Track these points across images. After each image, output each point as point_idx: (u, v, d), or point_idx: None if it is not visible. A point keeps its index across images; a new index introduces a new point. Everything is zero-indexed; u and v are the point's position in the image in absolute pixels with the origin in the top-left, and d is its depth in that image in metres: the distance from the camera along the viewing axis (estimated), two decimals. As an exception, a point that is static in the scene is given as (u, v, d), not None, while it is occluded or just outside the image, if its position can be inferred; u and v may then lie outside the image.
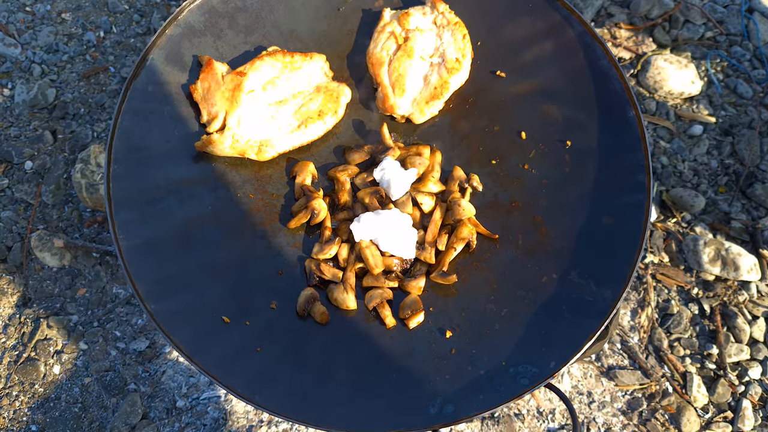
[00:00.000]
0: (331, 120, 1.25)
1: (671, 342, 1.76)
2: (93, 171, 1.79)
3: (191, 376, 1.69)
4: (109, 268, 1.80)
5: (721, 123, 2.00)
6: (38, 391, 1.68)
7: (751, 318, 1.78)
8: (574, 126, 1.22)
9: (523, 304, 1.12)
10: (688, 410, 1.67)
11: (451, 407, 1.02)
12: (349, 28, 1.31)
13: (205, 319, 1.08)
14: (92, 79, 1.99)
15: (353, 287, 1.13)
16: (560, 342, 1.07)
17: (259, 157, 1.21)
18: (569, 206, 1.17)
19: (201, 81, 1.21)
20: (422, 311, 1.11)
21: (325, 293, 1.14)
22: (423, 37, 1.28)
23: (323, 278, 1.14)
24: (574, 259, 1.13)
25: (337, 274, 1.14)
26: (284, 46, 1.27)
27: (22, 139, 1.91)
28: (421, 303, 1.12)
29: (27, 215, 1.85)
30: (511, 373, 1.05)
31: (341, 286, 1.13)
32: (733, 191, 1.90)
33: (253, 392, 1.02)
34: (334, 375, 1.06)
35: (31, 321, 1.74)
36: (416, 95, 1.27)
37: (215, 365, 1.04)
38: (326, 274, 1.13)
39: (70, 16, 2.07)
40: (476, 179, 1.21)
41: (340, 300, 1.12)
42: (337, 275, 1.14)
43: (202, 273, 1.12)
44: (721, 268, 1.80)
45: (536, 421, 1.68)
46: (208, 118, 1.21)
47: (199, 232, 1.15)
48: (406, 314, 1.11)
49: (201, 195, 1.18)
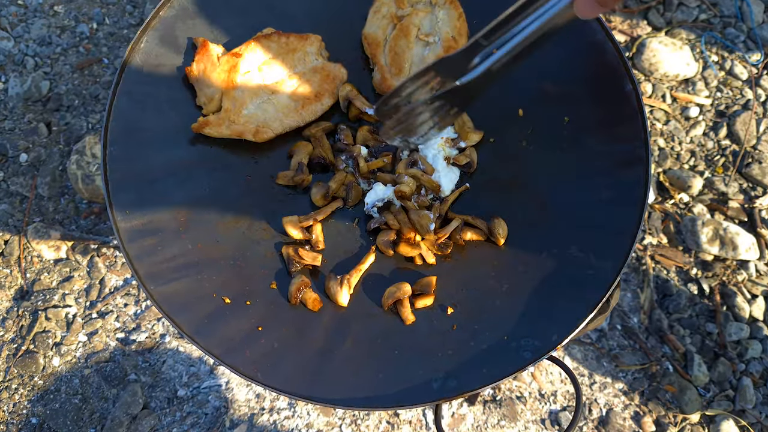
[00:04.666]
0: (327, 101, 1.25)
1: (671, 322, 1.76)
2: (88, 162, 1.78)
3: (192, 365, 1.68)
4: (107, 259, 1.79)
5: (717, 104, 2.00)
6: (38, 384, 1.67)
7: (750, 297, 1.78)
8: (572, 102, 1.22)
9: (524, 279, 1.12)
10: (689, 389, 1.67)
11: (455, 381, 1.02)
12: (345, 9, 1.31)
13: (205, 299, 1.08)
14: (86, 70, 1.98)
15: (351, 285, 1.10)
16: (562, 315, 1.07)
17: (257, 139, 1.20)
18: (568, 182, 1.17)
19: (196, 63, 1.20)
20: (432, 297, 1.10)
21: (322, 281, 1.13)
22: (419, 16, 1.27)
23: (303, 264, 1.12)
24: (573, 233, 1.13)
25: (317, 258, 1.12)
26: (280, 27, 1.26)
27: (16, 132, 1.90)
28: (434, 287, 1.10)
29: (23, 208, 1.83)
30: (514, 347, 1.05)
31: (338, 279, 1.10)
32: (730, 171, 1.91)
33: (255, 370, 1.02)
34: (337, 353, 1.05)
35: (29, 314, 1.73)
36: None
37: (217, 345, 1.03)
38: (305, 258, 1.11)
39: (62, 9, 2.06)
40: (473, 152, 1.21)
41: (331, 292, 1.10)
42: (317, 259, 1.12)
43: (202, 254, 1.12)
44: (719, 248, 1.80)
45: (538, 403, 1.68)
46: (204, 100, 1.20)
47: (197, 214, 1.15)
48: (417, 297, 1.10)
49: (199, 176, 1.17)
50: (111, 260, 1.79)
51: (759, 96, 2.00)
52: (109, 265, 1.78)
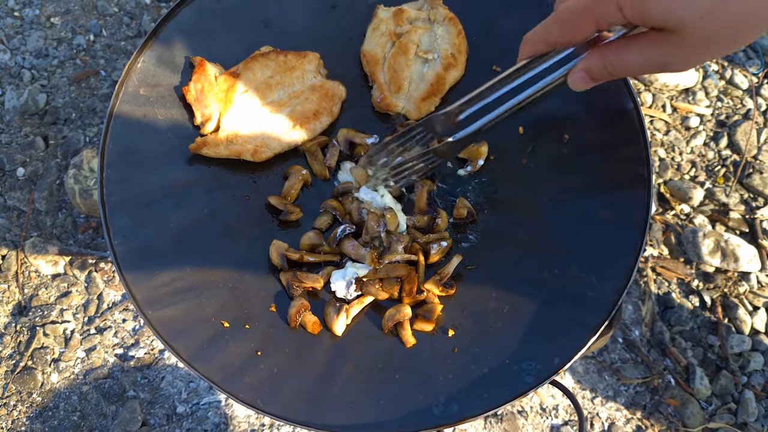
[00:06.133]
0: (326, 119, 1.24)
1: (673, 335, 1.75)
2: (86, 176, 1.77)
3: (191, 381, 1.67)
4: (105, 274, 1.78)
5: (718, 114, 2.00)
6: (36, 401, 1.66)
7: (752, 309, 1.77)
8: (572, 120, 1.21)
9: (525, 300, 1.11)
10: (691, 403, 1.67)
11: (456, 407, 1.01)
12: (344, 26, 1.30)
13: (204, 324, 1.07)
14: (83, 83, 1.97)
15: (349, 316, 1.08)
16: (563, 338, 1.06)
17: (255, 158, 1.19)
18: (569, 201, 1.16)
19: (194, 82, 1.19)
20: (433, 324, 1.09)
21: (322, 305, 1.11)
22: (418, 33, 1.26)
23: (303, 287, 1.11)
24: (574, 253, 1.12)
25: (318, 280, 1.11)
26: (277, 45, 1.25)
27: (13, 146, 1.89)
28: (436, 315, 1.09)
29: (20, 223, 1.82)
30: (515, 371, 1.04)
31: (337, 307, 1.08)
32: (731, 182, 1.90)
33: (255, 396, 1.01)
34: (337, 377, 1.04)
35: (28, 329, 1.72)
36: (413, 92, 1.26)
37: (216, 371, 1.02)
38: (306, 281, 1.09)
39: (59, 20, 2.05)
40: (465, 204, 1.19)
41: (328, 319, 1.08)
42: (318, 281, 1.11)
43: (200, 277, 1.11)
44: (721, 260, 1.79)
45: (540, 417, 1.67)
46: (202, 120, 1.19)
47: (195, 236, 1.14)
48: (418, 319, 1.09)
49: (197, 197, 1.16)
50: (109, 275, 1.78)
51: (759, 105, 1.99)
52: (107, 280, 1.77)
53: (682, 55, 0.71)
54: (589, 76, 0.81)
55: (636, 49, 0.74)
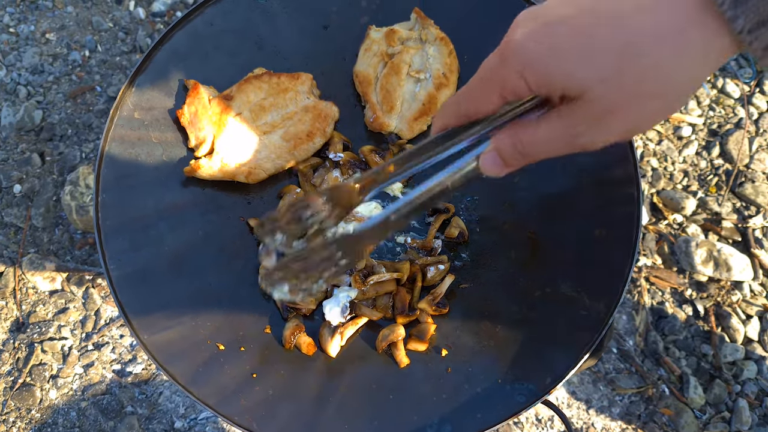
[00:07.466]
0: (319, 140, 1.25)
1: (666, 344, 1.77)
2: (82, 193, 1.78)
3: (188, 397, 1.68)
4: (102, 290, 1.79)
5: (710, 123, 2.01)
6: (35, 417, 1.67)
7: (745, 317, 1.79)
8: (563, 138, 1.22)
9: (517, 319, 1.12)
10: (685, 412, 1.68)
11: (449, 427, 1.02)
12: (336, 46, 1.31)
13: (199, 347, 1.08)
14: (79, 99, 1.98)
15: (344, 337, 1.09)
16: (555, 357, 1.07)
17: (249, 180, 1.20)
18: (560, 220, 1.18)
19: (188, 105, 1.20)
20: (426, 344, 1.10)
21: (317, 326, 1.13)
22: (410, 53, 1.28)
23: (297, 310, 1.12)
24: (566, 272, 1.14)
25: (311, 302, 1.12)
26: (271, 66, 1.27)
27: (9, 163, 1.90)
28: (430, 335, 1.10)
29: (17, 239, 1.83)
30: (508, 391, 1.05)
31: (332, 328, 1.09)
32: (723, 191, 1.91)
33: (250, 419, 1.02)
34: (331, 399, 1.06)
35: (26, 346, 1.73)
36: (405, 112, 1.27)
37: (212, 394, 1.03)
38: (299, 305, 1.11)
39: (54, 36, 2.05)
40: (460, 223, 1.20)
41: (323, 340, 1.09)
42: (312, 303, 1.12)
43: (195, 300, 1.12)
44: (713, 269, 1.81)
45: (535, 428, 1.68)
46: (196, 143, 1.21)
47: (191, 258, 1.15)
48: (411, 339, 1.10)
49: (192, 220, 1.18)
50: (106, 291, 1.79)
51: (751, 114, 2.00)
52: (104, 296, 1.78)
53: (592, 126, 0.63)
54: (500, 157, 0.70)
55: (544, 124, 0.66)
